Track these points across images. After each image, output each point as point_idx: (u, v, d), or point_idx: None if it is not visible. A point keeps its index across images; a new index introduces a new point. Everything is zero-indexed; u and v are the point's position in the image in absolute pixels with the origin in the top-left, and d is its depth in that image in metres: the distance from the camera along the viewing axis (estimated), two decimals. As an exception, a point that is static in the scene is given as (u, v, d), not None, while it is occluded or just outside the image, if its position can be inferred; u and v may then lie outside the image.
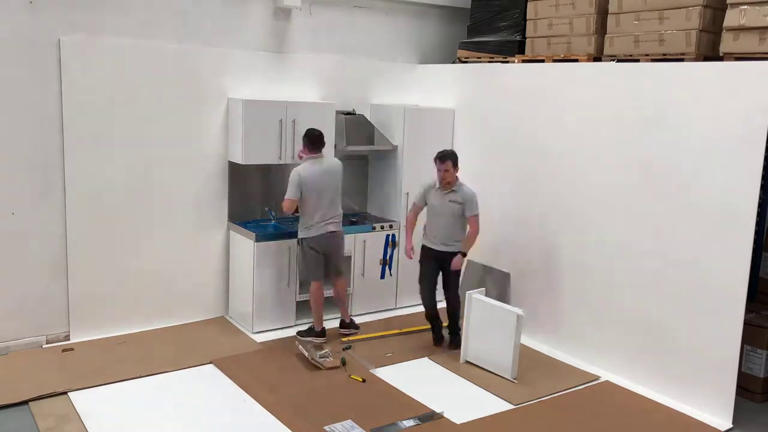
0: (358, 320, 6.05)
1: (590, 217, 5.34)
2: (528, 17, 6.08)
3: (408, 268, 6.54)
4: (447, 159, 5.37)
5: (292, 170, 5.42)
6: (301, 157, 5.58)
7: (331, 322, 5.89)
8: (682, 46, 4.87)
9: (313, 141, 5.45)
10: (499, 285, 6.04)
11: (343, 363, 5.13)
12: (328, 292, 5.80)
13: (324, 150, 5.54)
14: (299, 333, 5.71)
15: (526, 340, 5.71)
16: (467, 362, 5.32)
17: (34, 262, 5.21)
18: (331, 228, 5.50)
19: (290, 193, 5.35)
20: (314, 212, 5.43)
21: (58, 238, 5.28)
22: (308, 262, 5.56)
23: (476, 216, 5.40)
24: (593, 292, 5.36)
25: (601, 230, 5.26)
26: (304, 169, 5.38)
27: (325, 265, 5.59)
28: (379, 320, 6.23)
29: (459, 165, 5.43)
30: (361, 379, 4.96)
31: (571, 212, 5.48)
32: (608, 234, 5.21)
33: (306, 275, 5.68)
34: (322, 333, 5.66)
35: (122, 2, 5.34)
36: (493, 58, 6.41)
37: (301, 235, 5.54)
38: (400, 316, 6.32)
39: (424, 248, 5.62)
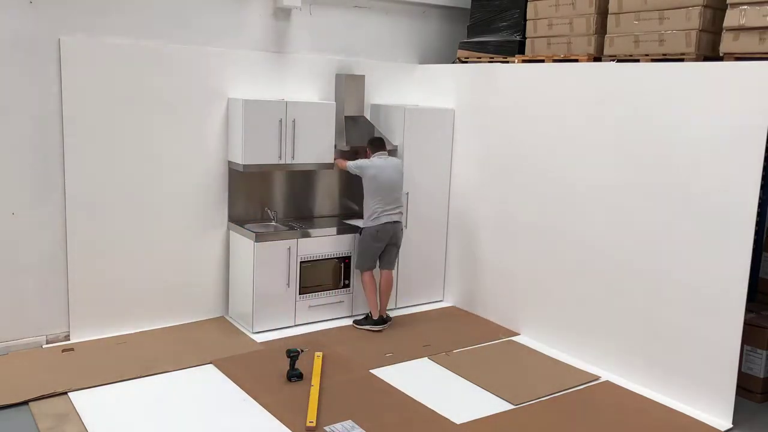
0: (358, 318, 6.07)
1: (590, 217, 5.34)
2: (528, 17, 6.07)
3: (408, 267, 6.55)
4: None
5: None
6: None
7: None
8: (682, 46, 4.87)
9: (377, 143, 6.01)
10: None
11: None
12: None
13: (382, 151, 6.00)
14: (356, 321, 6.05)
15: (526, 340, 5.71)
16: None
17: (34, 262, 5.21)
18: (394, 218, 5.94)
19: (353, 163, 5.90)
20: (377, 203, 5.84)
21: (58, 239, 5.28)
22: (365, 252, 5.94)
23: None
24: (593, 292, 5.36)
25: (602, 230, 5.26)
26: (372, 160, 5.91)
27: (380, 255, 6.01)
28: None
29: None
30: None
31: (572, 211, 5.48)
32: (608, 233, 5.21)
33: (360, 264, 6.03)
34: (380, 321, 5.97)
35: (122, 2, 5.34)
36: (493, 58, 6.40)
37: (364, 224, 5.97)
38: (400, 315, 6.31)
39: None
